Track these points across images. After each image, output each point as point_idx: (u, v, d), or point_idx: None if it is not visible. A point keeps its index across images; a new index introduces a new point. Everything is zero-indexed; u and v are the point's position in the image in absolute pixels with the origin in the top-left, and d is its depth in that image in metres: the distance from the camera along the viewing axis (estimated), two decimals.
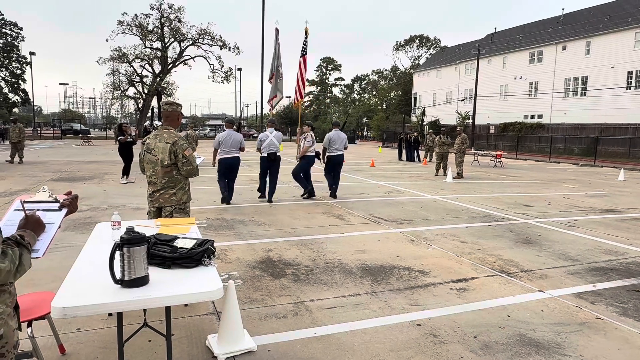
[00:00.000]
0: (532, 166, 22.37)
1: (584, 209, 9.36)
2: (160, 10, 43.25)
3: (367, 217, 7.89)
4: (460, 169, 15.09)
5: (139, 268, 2.17)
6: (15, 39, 45.14)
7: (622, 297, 4.27)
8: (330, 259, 5.28)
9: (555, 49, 37.08)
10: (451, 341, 3.30)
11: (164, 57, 44.77)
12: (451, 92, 48.63)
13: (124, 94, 45.89)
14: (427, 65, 56.03)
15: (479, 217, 8.17)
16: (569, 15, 41.00)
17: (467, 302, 4.05)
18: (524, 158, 28.10)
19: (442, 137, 15.88)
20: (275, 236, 6.32)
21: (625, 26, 31.84)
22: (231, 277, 4.50)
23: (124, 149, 12.10)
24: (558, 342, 3.32)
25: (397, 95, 63.07)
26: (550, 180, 15.32)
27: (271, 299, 4.03)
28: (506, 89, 41.68)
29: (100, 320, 3.44)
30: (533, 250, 5.94)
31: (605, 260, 5.51)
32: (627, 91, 31.42)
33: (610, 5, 37.30)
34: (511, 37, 44.00)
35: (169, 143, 3.85)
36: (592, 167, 22.61)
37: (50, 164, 16.45)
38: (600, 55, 33.15)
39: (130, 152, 12.13)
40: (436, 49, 64.47)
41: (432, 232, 6.86)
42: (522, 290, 4.39)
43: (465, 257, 5.53)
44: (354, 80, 77.60)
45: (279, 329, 3.44)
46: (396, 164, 21.49)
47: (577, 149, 30.72)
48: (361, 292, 4.24)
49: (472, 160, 22.61)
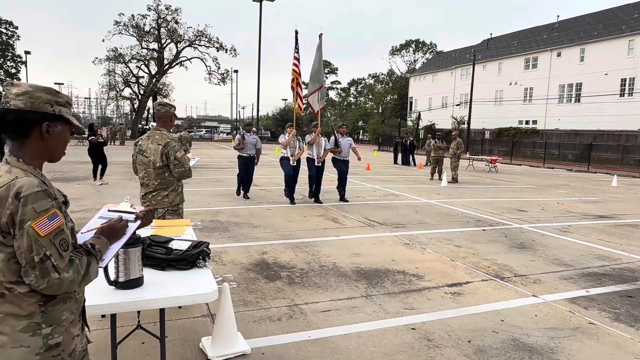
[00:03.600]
0: (526, 171, 22.49)
1: (578, 214, 9.42)
2: (157, 11, 43.21)
3: (363, 220, 7.90)
4: (455, 174, 15.14)
5: (133, 269, 2.16)
6: (10, 38, 44.92)
7: (615, 303, 4.30)
8: (325, 262, 5.28)
9: (550, 55, 37.38)
10: (445, 345, 3.31)
11: (161, 58, 44.69)
12: (447, 96, 48.85)
13: (120, 95, 45.80)
14: (423, 70, 56.29)
15: (473, 221, 8.20)
16: (563, 22, 41.38)
17: (461, 307, 4.06)
18: (518, 163, 28.25)
19: (438, 141, 15.94)
20: (270, 239, 6.31)
21: (619, 34, 32.17)
22: (226, 280, 4.48)
23: (95, 150, 11.68)
24: (551, 347, 3.34)
25: (393, 100, 63.27)
26: (544, 185, 15.41)
27: (266, 301, 4.02)
28: (501, 94, 41.94)
29: (94, 322, 3.42)
30: (527, 255, 5.96)
31: (598, 266, 5.55)
32: (620, 98, 31.72)
33: (604, 12, 37.68)
34: (506, 43, 44.33)
35: (161, 145, 3.83)
36: (585, 173, 22.77)
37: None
38: (595, 62, 33.45)
39: (101, 153, 11.70)
40: (432, 54, 64.79)
41: (426, 236, 6.88)
42: (516, 295, 4.41)
43: (460, 261, 5.54)
44: (351, 83, 77.76)
45: (273, 331, 3.43)
46: (392, 167, 21.54)
47: (571, 155, 30.92)
48: (356, 296, 4.24)
49: (467, 164, 22.70)
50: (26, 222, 1.33)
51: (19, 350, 1.36)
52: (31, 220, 1.33)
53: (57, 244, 1.37)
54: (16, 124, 1.42)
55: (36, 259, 1.33)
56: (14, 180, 1.36)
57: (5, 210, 1.33)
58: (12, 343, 1.36)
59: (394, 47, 69.85)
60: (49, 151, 1.51)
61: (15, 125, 1.42)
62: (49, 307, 1.42)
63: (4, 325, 1.36)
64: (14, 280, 1.37)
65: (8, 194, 1.34)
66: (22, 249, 1.34)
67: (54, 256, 1.36)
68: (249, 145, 9.77)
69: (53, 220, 1.37)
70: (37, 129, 1.44)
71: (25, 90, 1.44)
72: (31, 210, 1.33)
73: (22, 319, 1.37)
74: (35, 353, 1.38)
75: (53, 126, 1.47)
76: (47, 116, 1.45)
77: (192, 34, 44.38)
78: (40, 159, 1.51)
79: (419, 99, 53.90)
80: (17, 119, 1.42)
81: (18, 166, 1.42)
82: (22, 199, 1.33)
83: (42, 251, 1.34)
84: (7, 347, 1.36)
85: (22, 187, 1.35)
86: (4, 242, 1.35)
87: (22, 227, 1.33)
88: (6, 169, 1.41)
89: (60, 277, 1.37)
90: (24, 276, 1.35)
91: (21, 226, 1.33)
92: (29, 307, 1.38)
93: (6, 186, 1.35)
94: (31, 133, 1.44)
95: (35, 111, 1.43)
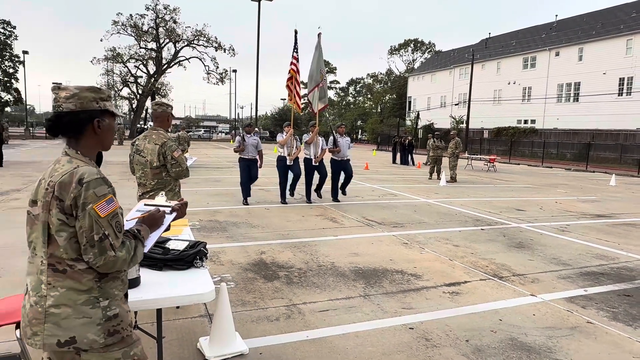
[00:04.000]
0: (525, 171, 22.51)
1: (576, 213, 9.43)
2: (156, 11, 43.12)
3: (361, 220, 7.90)
4: (454, 173, 15.15)
5: (130, 270, 2.14)
6: (8, 38, 44.73)
7: (613, 302, 4.30)
8: (324, 261, 5.28)
9: (548, 54, 37.41)
10: (443, 345, 3.31)
11: (159, 58, 44.60)
12: (445, 96, 48.87)
13: (118, 95, 45.65)
14: (422, 70, 56.30)
15: (472, 220, 8.20)
16: (562, 21, 41.41)
17: (460, 306, 4.06)
18: (517, 162, 28.29)
19: (436, 141, 15.94)
20: (268, 238, 6.31)
21: (617, 33, 32.21)
22: (223, 280, 4.47)
23: None
24: (549, 346, 3.34)
25: (392, 99, 63.26)
26: (542, 184, 15.43)
27: (263, 301, 4.02)
28: (500, 93, 41.97)
29: None
30: (525, 254, 5.97)
31: (596, 265, 5.55)
32: (618, 97, 31.76)
33: (602, 12, 37.73)
34: (505, 43, 44.35)
35: (158, 144, 3.82)
36: (584, 172, 22.81)
37: (43, 164, 16.33)
38: (593, 61, 33.50)
39: None
40: (431, 53, 64.80)
41: (425, 235, 6.88)
42: (514, 294, 4.41)
43: (458, 260, 5.54)
44: (349, 83, 77.75)
45: (271, 331, 3.43)
46: (390, 167, 21.55)
47: (569, 154, 30.97)
48: (354, 295, 4.23)
49: (465, 164, 22.72)
50: (88, 204, 1.51)
51: (82, 321, 1.53)
52: (92, 203, 1.51)
53: (113, 225, 1.55)
54: (71, 125, 1.61)
55: (96, 237, 1.51)
56: (76, 168, 1.55)
57: (69, 194, 1.51)
58: (75, 314, 1.53)
59: (392, 46, 69.93)
60: (101, 143, 1.69)
61: (70, 126, 1.61)
62: (103, 283, 1.59)
63: (67, 298, 1.53)
64: (74, 258, 1.54)
65: (71, 180, 1.52)
66: (83, 229, 1.51)
67: (111, 236, 1.54)
68: (250, 147, 9.13)
69: (110, 204, 1.56)
70: (90, 125, 1.63)
71: (73, 93, 1.61)
72: (92, 194, 1.52)
73: (82, 293, 1.55)
74: (96, 323, 1.55)
75: (102, 120, 1.65)
76: (95, 113, 1.63)
77: (190, 33, 44.33)
78: (95, 150, 1.69)
79: (418, 99, 53.92)
80: (71, 120, 1.60)
81: (78, 157, 1.61)
82: (85, 184, 1.51)
83: (101, 231, 1.52)
84: (71, 318, 1.52)
85: (84, 174, 1.53)
86: (67, 222, 1.53)
87: (84, 209, 1.51)
88: (67, 160, 1.60)
89: (116, 255, 1.55)
90: (84, 254, 1.53)
91: (83, 208, 1.51)
92: (88, 283, 1.56)
93: (69, 173, 1.54)
94: (84, 130, 1.63)
95: (85, 110, 1.61)
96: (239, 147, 9.17)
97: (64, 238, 1.53)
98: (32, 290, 1.57)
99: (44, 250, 1.55)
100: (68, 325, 1.52)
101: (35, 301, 1.54)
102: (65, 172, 1.54)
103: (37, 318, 1.53)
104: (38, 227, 1.57)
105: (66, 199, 1.51)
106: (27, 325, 1.55)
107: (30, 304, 1.56)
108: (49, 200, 1.53)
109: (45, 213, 1.53)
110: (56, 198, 1.52)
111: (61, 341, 1.51)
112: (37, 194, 1.59)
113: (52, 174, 1.57)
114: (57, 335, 1.51)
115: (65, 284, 1.54)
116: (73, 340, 1.52)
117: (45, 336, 1.52)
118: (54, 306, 1.52)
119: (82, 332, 1.52)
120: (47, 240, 1.55)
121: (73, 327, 1.52)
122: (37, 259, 1.57)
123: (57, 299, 1.53)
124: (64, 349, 1.52)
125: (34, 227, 1.60)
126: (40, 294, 1.54)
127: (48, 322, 1.52)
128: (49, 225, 1.54)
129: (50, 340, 1.52)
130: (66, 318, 1.52)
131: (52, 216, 1.53)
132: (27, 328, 1.55)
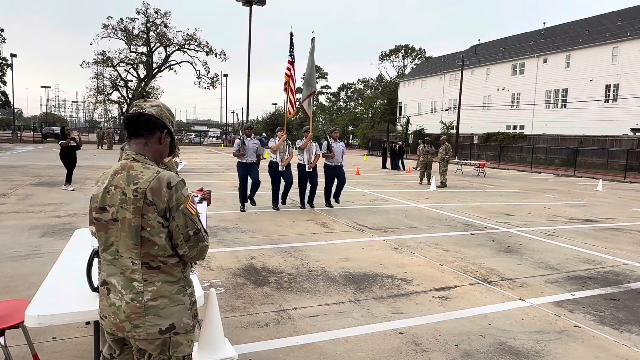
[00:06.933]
0: (514, 176, 22.73)
1: (564, 218, 9.53)
2: (146, 15, 42.92)
3: (352, 225, 7.91)
4: (444, 178, 15.26)
5: None
6: None
7: (600, 306, 4.35)
8: (314, 266, 5.27)
9: (536, 61, 37.95)
10: (433, 349, 3.32)
11: (149, 62, 44.36)
12: (436, 101, 49.28)
13: (108, 98, 45.29)
14: (412, 75, 56.74)
15: (461, 225, 8.25)
16: (549, 29, 42.07)
17: (449, 311, 4.08)
18: (506, 168, 28.55)
19: (426, 146, 16.05)
20: (258, 244, 6.28)
21: (604, 41, 32.80)
22: (213, 285, 4.45)
23: (66, 154, 11.18)
24: (537, 350, 3.37)
25: (383, 104, 63.59)
26: (531, 189, 15.59)
27: (253, 307, 4.00)
28: (489, 99, 42.44)
29: (77, 329, 3.37)
30: (514, 258, 6.02)
31: (583, 269, 5.61)
32: (605, 104, 32.30)
33: (589, 20, 38.41)
34: (494, 49, 44.90)
35: None
36: (572, 178, 23.09)
37: (29, 168, 16.11)
38: (580, 68, 34.05)
39: (73, 157, 11.27)
40: (421, 59, 65.36)
41: (415, 240, 6.91)
42: (503, 299, 4.44)
43: (448, 265, 5.57)
44: (340, 88, 78.07)
45: (261, 337, 3.41)
46: (381, 172, 21.63)
47: (557, 160, 31.35)
48: (344, 300, 4.23)
49: (455, 169, 22.88)
50: (180, 205, 1.69)
51: (178, 307, 1.72)
52: (184, 203, 1.70)
53: (200, 219, 1.79)
54: (147, 124, 1.78)
55: (190, 232, 1.71)
56: (158, 173, 1.69)
57: (162, 198, 1.66)
58: (172, 303, 1.71)
59: (383, 52, 70.39)
60: (160, 154, 1.85)
61: (146, 124, 1.78)
62: (185, 272, 1.80)
63: (163, 290, 1.70)
64: (167, 255, 1.71)
65: (160, 185, 1.66)
66: (179, 227, 1.69)
67: (201, 228, 1.77)
68: (250, 151, 8.72)
69: (194, 202, 1.76)
70: (159, 132, 1.81)
71: (157, 104, 1.86)
72: (181, 195, 1.70)
73: (174, 284, 1.73)
74: (187, 308, 1.75)
75: (166, 136, 1.84)
76: (165, 127, 1.83)
77: (181, 37, 44.18)
78: (157, 159, 1.84)
79: (408, 104, 54.28)
80: (149, 120, 1.78)
81: (148, 162, 1.76)
82: (173, 187, 1.68)
83: (194, 225, 1.72)
84: (169, 307, 1.70)
85: (170, 179, 1.69)
86: (164, 223, 1.68)
87: (177, 209, 1.68)
88: (141, 165, 1.73)
89: (207, 244, 1.80)
90: (179, 249, 1.72)
91: (177, 208, 1.68)
92: (177, 274, 1.75)
93: (156, 179, 1.67)
94: (154, 134, 1.79)
95: (161, 119, 1.82)
96: (238, 151, 8.69)
97: (165, 238, 1.68)
98: (123, 289, 1.68)
99: (136, 252, 1.67)
100: (166, 314, 1.69)
101: (132, 298, 1.67)
102: (150, 177, 1.67)
103: (137, 312, 1.66)
104: (122, 230, 1.67)
105: (159, 203, 1.65)
106: (125, 320, 1.67)
107: (125, 301, 1.68)
108: (141, 205, 1.64)
109: (137, 217, 1.65)
110: (150, 203, 1.64)
111: (162, 329, 1.68)
112: (106, 201, 1.70)
113: (133, 180, 1.67)
114: (159, 324, 1.67)
115: (160, 278, 1.70)
116: (172, 327, 1.70)
117: (148, 326, 1.66)
118: (152, 299, 1.68)
119: (179, 318, 1.71)
120: (140, 241, 1.68)
121: (171, 314, 1.70)
122: (125, 260, 1.69)
123: (154, 292, 1.68)
124: (165, 335, 1.69)
125: (110, 232, 1.70)
126: (135, 291, 1.67)
127: (149, 314, 1.67)
128: (142, 227, 1.66)
129: (153, 330, 1.67)
130: (164, 308, 1.69)
131: (150, 220, 1.65)
132: (126, 323, 1.67)
